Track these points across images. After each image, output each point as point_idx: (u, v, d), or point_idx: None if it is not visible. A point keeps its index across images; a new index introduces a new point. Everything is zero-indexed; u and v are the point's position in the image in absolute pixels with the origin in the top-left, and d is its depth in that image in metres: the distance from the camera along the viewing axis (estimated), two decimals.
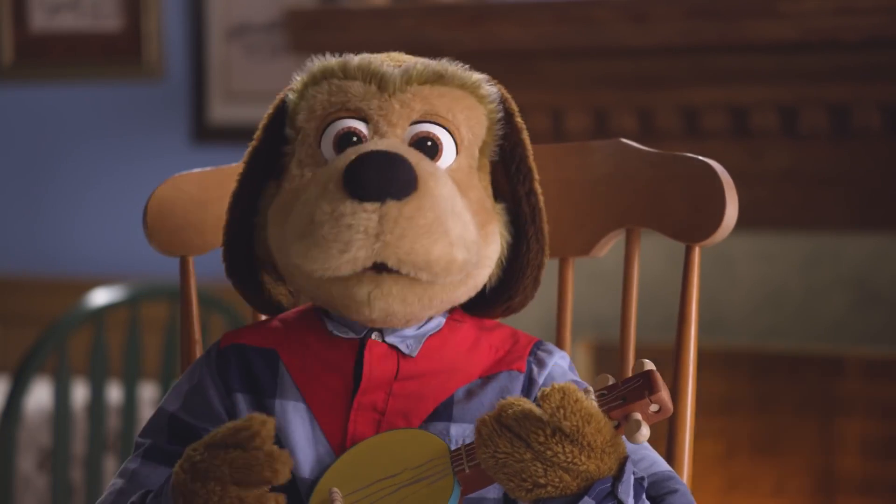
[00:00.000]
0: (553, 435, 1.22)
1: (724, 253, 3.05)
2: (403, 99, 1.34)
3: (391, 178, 1.26)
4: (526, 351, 1.39)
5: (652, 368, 1.28)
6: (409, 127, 1.34)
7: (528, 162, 1.39)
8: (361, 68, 1.35)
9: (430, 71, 1.36)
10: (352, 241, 1.26)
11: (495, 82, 1.40)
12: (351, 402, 1.35)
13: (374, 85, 1.34)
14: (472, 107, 1.36)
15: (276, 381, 1.37)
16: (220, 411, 1.38)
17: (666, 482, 1.33)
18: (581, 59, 3.12)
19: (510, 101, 1.40)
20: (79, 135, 4.16)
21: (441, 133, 1.34)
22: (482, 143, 1.37)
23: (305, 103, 1.36)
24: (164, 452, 1.38)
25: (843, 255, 2.98)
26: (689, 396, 1.46)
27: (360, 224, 1.26)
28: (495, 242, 1.36)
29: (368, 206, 1.26)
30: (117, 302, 2.95)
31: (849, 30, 2.83)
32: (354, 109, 1.34)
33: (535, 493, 1.23)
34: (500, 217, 1.37)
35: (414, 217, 1.27)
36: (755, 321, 3.06)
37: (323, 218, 1.27)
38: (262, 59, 3.91)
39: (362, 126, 1.34)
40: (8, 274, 4.24)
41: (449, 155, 1.34)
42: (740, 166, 3.00)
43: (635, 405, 1.25)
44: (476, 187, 1.36)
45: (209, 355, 1.41)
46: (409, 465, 1.29)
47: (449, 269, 1.29)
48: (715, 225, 1.43)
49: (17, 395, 2.83)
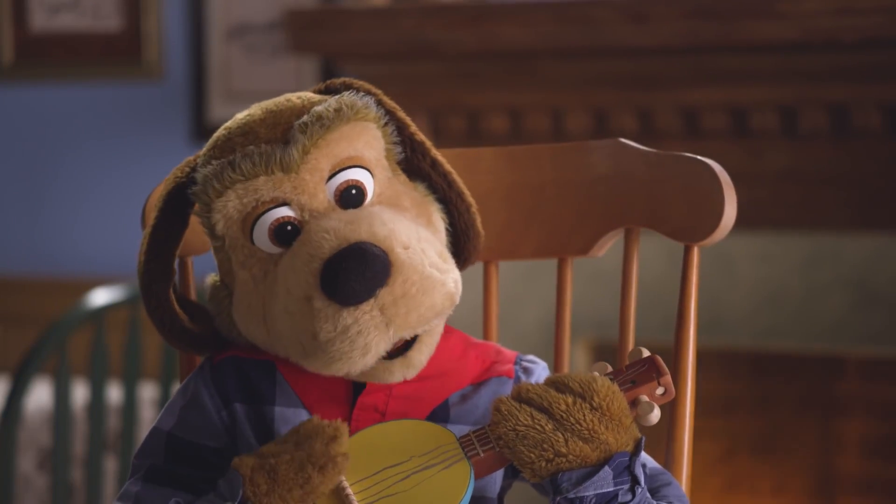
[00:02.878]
0: (574, 403, 1.28)
1: (724, 253, 3.05)
2: (309, 168, 1.33)
3: (372, 275, 1.28)
4: (511, 360, 1.43)
5: (651, 354, 1.33)
6: (325, 185, 1.34)
7: (416, 137, 1.41)
8: (259, 163, 1.33)
9: (315, 128, 1.34)
10: (370, 344, 1.29)
11: (354, 82, 1.41)
12: (353, 403, 1.37)
13: (278, 171, 1.33)
14: (364, 130, 1.36)
15: (274, 389, 1.38)
16: (218, 423, 1.38)
17: (660, 475, 1.37)
18: (581, 59, 3.12)
19: (376, 93, 1.41)
20: (79, 135, 4.16)
21: (356, 173, 1.35)
22: (386, 152, 1.39)
23: (219, 214, 1.35)
24: (165, 473, 1.38)
25: (843, 255, 2.98)
26: (688, 396, 1.46)
27: (368, 326, 1.28)
28: (440, 221, 1.40)
29: (365, 308, 1.28)
30: (117, 302, 2.95)
31: (849, 30, 2.82)
32: (272, 200, 1.33)
33: (555, 463, 1.28)
34: (429, 196, 1.40)
35: (406, 291, 1.29)
36: (755, 321, 3.06)
37: (330, 336, 1.29)
38: (262, 59, 3.91)
39: (287, 210, 1.34)
40: (8, 274, 4.24)
41: (370, 186, 1.36)
42: (740, 166, 3.00)
43: (645, 388, 1.31)
44: (403, 192, 1.38)
45: (203, 370, 1.42)
46: (416, 453, 1.31)
47: (453, 300, 1.33)
48: (714, 225, 1.43)
49: (17, 395, 2.83)
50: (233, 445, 1.38)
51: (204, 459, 1.37)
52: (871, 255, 2.96)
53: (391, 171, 1.39)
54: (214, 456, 1.37)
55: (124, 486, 1.39)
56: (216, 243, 1.38)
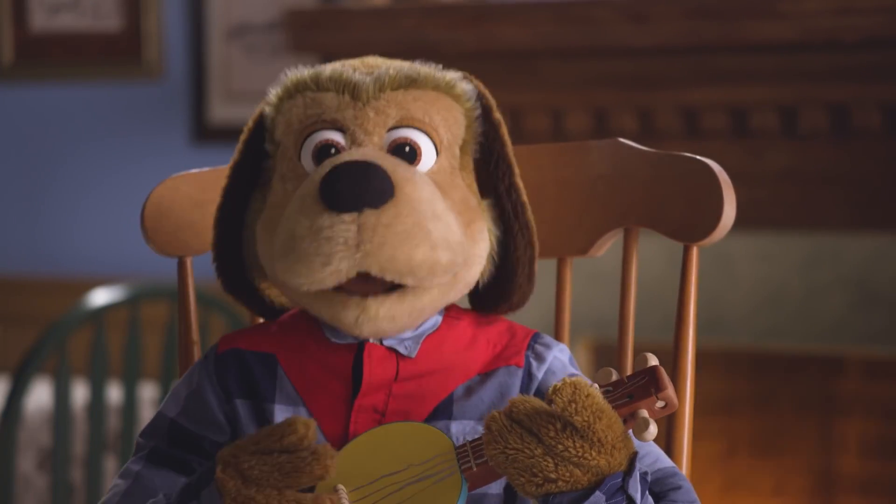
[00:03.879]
0: (564, 430, 1.23)
1: (723, 253, 3.05)
2: (378, 106, 1.33)
3: (366, 188, 1.26)
4: (524, 345, 1.39)
5: (656, 364, 1.29)
6: (386, 134, 1.34)
7: (507, 158, 1.38)
8: (333, 79, 1.35)
9: (403, 75, 1.35)
10: (333, 254, 1.26)
11: (472, 78, 1.40)
12: (351, 404, 1.35)
13: (347, 95, 1.34)
14: (448, 107, 1.36)
15: (274, 386, 1.37)
16: (220, 417, 1.38)
17: (670, 478, 1.33)
18: (581, 59, 3.12)
19: (488, 98, 1.40)
20: (79, 135, 4.16)
21: (419, 137, 1.34)
22: (462, 142, 1.37)
23: (282, 117, 1.36)
24: (166, 456, 1.38)
25: (843, 255, 2.98)
26: (687, 396, 1.46)
27: (339, 236, 1.26)
28: (483, 240, 1.36)
29: (346, 217, 1.26)
30: (117, 302, 2.95)
31: (849, 30, 2.83)
32: (330, 121, 1.34)
33: (545, 488, 1.24)
34: (487, 213, 1.37)
35: (392, 224, 1.27)
36: (755, 321, 3.06)
37: (302, 233, 1.27)
38: (262, 59, 3.91)
39: (339, 137, 1.33)
40: (8, 274, 4.24)
41: (429, 158, 1.34)
42: (740, 166, 3.00)
43: (642, 402, 1.27)
44: (459, 187, 1.35)
45: (207, 360, 1.41)
46: (413, 462, 1.30)
47: (433, 271, 1.29)
48: (713, 224, 1.43)
49: (17, 395, 2.83)
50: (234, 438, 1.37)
51: (205, 449, 1.38)
52: (871, 255, 2.96)
53: (458, 163, 1.37)
54: (215, 447, 1.37)
55: (126, 463, 1.39)
56: (271, 149, 1.37)
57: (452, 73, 1.38)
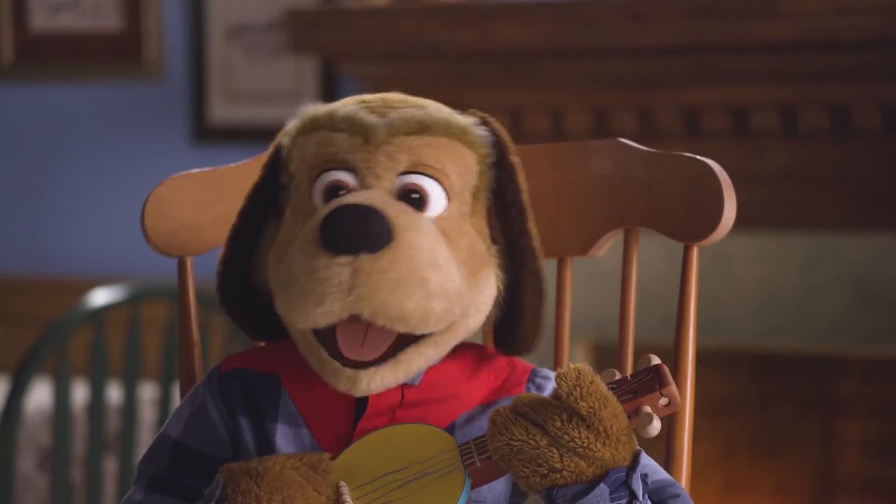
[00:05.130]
0: (570, 420, 1.25)
1: (723, 253, 3.05)
2: (389, 151, 1.33)
3: (365, 232, 1.26)
4: (524, 378, 1.40)
5: (659, 363, 1.30)
6: (396, 178, 1.33)
7: (520, 204, 1.38)
8: (347, 120, 1.35)
9: (416, 121, 1.34)
10: (325, 295, 1.26)
11: (492, 121, 1.39)
12: (354, 426, 1.35)
13: (359, 137, 1.34)
14: (461, 154, 1.35)
15: (277, 406, 1.37)
16: (225, 436, 1.38)
17: (668, 487, 1.33)
18: (581, 59, 3.12)
19: (504, 141, 1.39)
20: (79, 135, 4.16)
21: (428, 183, 1.34)
22: (474, 189, 1.36)
23: (297, 152, 1.36)
24: (168, 482, 1.38)
25: (843, 255, 2.98)
26: (687, 396, 1.46)
27: (333, 278, 1.26)
28: (490, 287, 1.36)
29: (342, 260, 1.26)
30: (117, 302, 2.95)
31: (849, 30, 2.83)
32: (342, 161, 1.34)
33: (550, 479, 1.25)
34: (495, 260, 1.37)
35: (388, 270, 1.27)
36: (755, 321, 3.06)
37: (299, 271, 1.28)
38: (262, 59, 3.91)
39: (350, 178, 1.33)
40: (8, 274, 4.24)
41: (438, 204, 1.34)
42: (740, 166, 3.00)
43: (646, 398, 1.28)
44: (468, 234, 1.35)
45: (210, 379, 1.41)
46: (416, 460, 1.30)
47: (426, 320, 1.29)
48: (713, 225, 1.43)
49: (17, 395, 2.83)
50: (237, 457, 1.37)
51: (208, 469, 1.37)
52: (871, 255, 2.96)
53: (469, 211, 1.36)
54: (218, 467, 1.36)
55: (128, 492, 1.39)
56: (286, 180, 1.38)
57: (467, 119, 1.38)
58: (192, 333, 1.59)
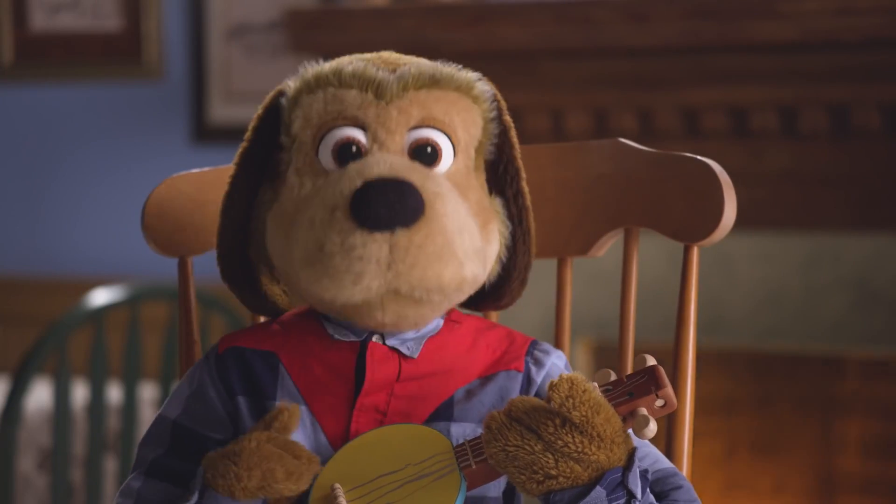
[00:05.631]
0: (563, 425, 1.25)
1: (724, 253, 3.05)
2: (401, 106, 1.33)
3: (400, 207, 1.26)
4: (523, 351, 1.40)
5: (655, 364, 1.30)
6: (407, 133, 1.33)
7: (515, 162, 1.40)
8: (357, 76, 1.35)
9: (427, 76, 1.35)
10: (364, 273, 1.27)
11: (486, 80, 1.40)
12: (353, 403, 1.35)
13: (370, 93, 1.34)
14: (467, 108, 1.36)
15: (276, 384, 1.37)
16: (223, 415, 1.38)
17: (670, 478, 1.34)
18: (581, 59, 3.12)
19: (500, 100, 1.40)
20: (79, 135, 4.16)
21: (439, 138, 1.34)
22: (478, 143, 1.37)
23: (300, 111, 1.35)
24: (167, 468, 1.37)
25: (843, 255, 2.98)
26: (687, 396, 1.46)
27: (371, 255, 1.26)
28: (496, 240, 1.37)
29: (378, 237, 1.26)
30: (117, 302, 2.95)
31: (849, 30, 2.82)
32: (352, 118, 1.33)
33: (546, 485, 1.25)
34: (498, 213, 1.38)
35: (424, 245, 1.27)
36: (755, 321, 3.06)
37: (333, 249, 1.27)
38: (262, 59, 3.91)
39: (360, 134, 1.33)
40: (8, 274, 4.24)
41: (447, 158, 1.34)
42: (740, 166, 3.00)
43: (641, 400, 1.28)
44: (474, 187, 1.36)
45: (208, 359, 1.41)
46: (412, 461, 1.30)
47: (461, 288, 1.31)
48: (713, 225, 1.43)
49: (17, 395, 2.83)
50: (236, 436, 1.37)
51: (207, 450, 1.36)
52: (871, 255, 2.96)
53: (473, 164, 1.37)
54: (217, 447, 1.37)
55: (127, 479, 1.39)
56: (285, 142, 1.37)
57: (472, 74, 1.38)
58: (192, 333, 1.59)
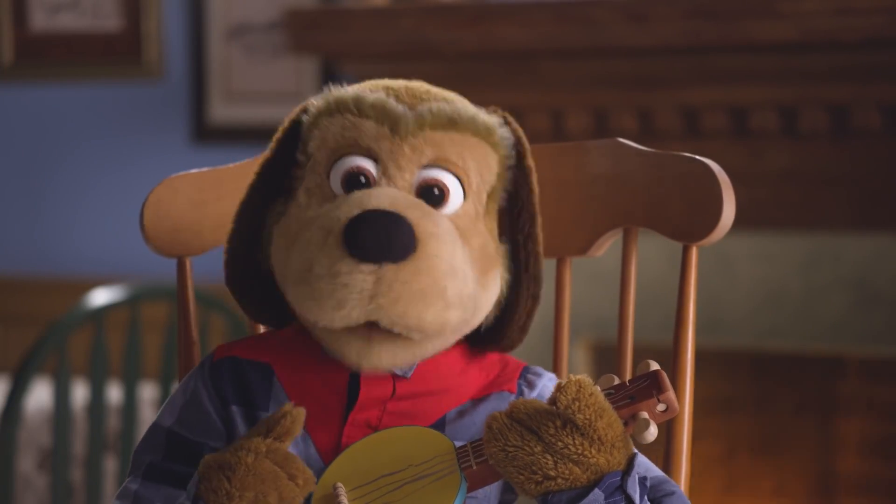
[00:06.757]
0: (564, 427, 1.25)
1: (723, 253, 3.05)
2: (414, 143, 1.33)
3: (390, 242, 1.26)
4: (516, 374, 1.41)
5: (658, 369, 1.30)
6: (417, 171, 1.33)
7: (532, 207, 1.38)
8: (375, 107, 1.34)
9: (445, 116, 1.34)
10: (346, 300, 1.27)
11: (511, 121, 1.40)
12: (345, 418, 1.35)
13: (386, 126, 1.33)
14: (484, 154, 1.36)
15: (269, 395, 1.37)
16: (218, 423, 1.38)
17: (662, 484, 1.34)
18: (581, 59, 3.12)
19: (523, 143, 1.40)
20: (79, 135, 4.16)
21: (449, 179, 1.34)
22: (491, 189, 1.37)
23: (318, 132, 1.35)
24: (164, 471, 1.37)
25: (843, 255, 2.98)
26: (687, 396, 1.46)
27: (355, 284, 1.26)
28: (495, 286, 1.36)
29: (365, 268, 1.26)
30: (117, 302, 2.95)
31: (849, 30, 2.82)
32: (365, 148, 1.33)
33: (544, 486, 1.26)
34: (503, 260, 1.37)
35: (409, 282, 1.27)
36: (755, 321, 3.06)
37: (321, 272, 1.27)
38: (262, 59, 3.91)
39: (371, 166, 1.33)
40: (8, 274, 4.24)
41: (455, 201, 1.34)
42: (740, 166, 3.00)
43: (643, 404, 1.28)
44: (480, 233, 1.35)
45: (202, 368, 1.41)
46: (413, 462, 1.30)
47: (442, 330, 1.31)
48: (712, 224, 1.43)
49: (17, 395, 2.83)
50: None
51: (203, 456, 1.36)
52: (871, 255, 2.96)
53: (483, 209, 1.36)
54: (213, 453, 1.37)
55: (124, 483, 1.39)
56: (301, 159, 1.37)
57: (493, 119, 1.38)
58: (191, 333, 1.59)
